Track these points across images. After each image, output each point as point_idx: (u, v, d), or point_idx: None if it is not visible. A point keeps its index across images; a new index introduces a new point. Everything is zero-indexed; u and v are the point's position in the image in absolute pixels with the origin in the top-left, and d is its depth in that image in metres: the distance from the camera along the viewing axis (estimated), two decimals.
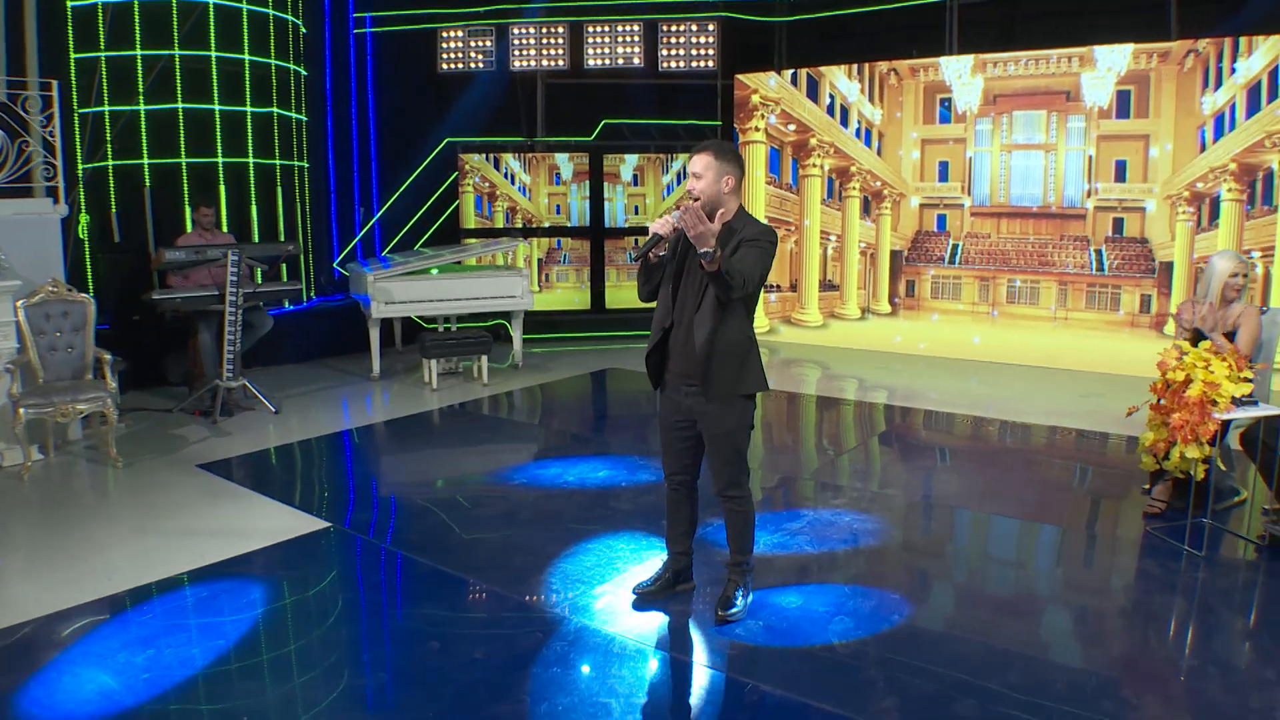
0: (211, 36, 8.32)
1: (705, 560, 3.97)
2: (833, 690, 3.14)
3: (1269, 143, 7.52)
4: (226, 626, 3.56)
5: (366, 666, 3.30)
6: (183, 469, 5.65)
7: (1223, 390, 4.24)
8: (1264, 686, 3.18)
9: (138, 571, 4.04)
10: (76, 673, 3.23)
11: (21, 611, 3.67)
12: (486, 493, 5.24)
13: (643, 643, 3.45)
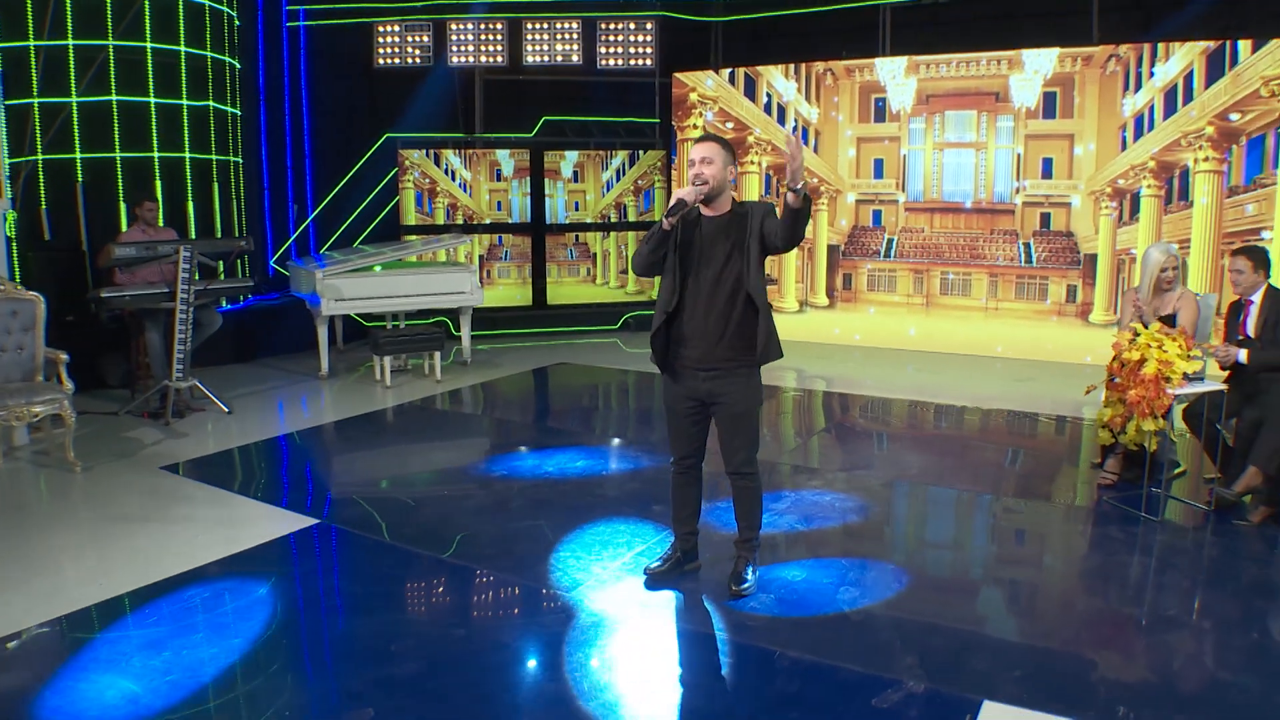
0: (147, 26, 8.10)
1: (705, 540, 4.11)
2: (855, 652, 3.33)
3: (1184, 142, 8.07)
4: (237, 625, 3.55)
5: (396, 657, 3.34)
6: (145, 471, 5.53)
7: (1175, 368, 4.59)
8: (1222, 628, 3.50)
9: (130, 575, 3.96)
10: (94, 679, 3.17)
11: (17, 619, 3.57)
12: (470, 485, 5.28)
13: (665, 620, 3.58)
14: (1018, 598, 3.92)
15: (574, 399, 7.95)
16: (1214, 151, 8.00)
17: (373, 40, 10.09)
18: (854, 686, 3.11)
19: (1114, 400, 4.90)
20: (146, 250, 6.59)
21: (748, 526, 3.84)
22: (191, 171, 8.52)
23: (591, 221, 10.38)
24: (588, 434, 6.57)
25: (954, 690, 3.08)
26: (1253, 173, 7.91)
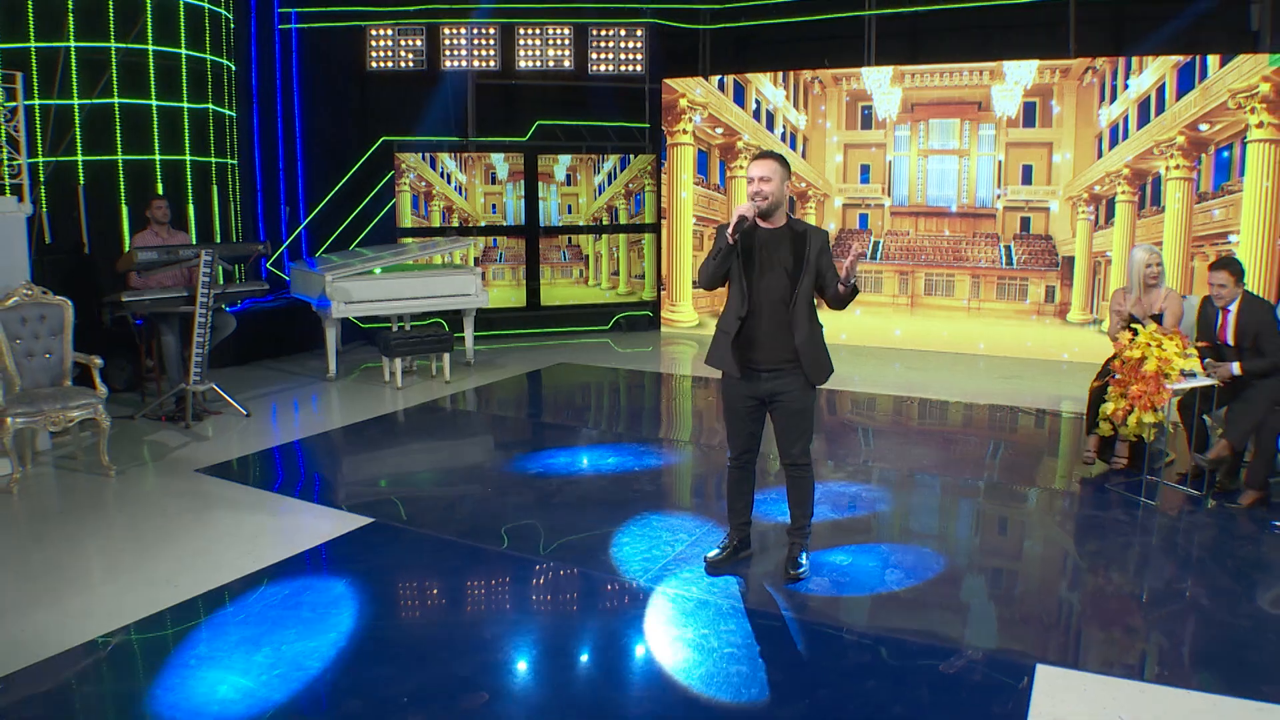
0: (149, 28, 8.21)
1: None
2: (913, 626, 3.68)
3: (1157, 151, 8.59)
4: (326, 620, 3.74)
5: (491, 644, 3.59)
6: (180, 475, 5.68)
7: (1174, 365, 5.02)
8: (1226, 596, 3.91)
9: (205, 576, 4.12)
10: (202, 675, 3.32)
11: (104, 621, 3.73)
12: (510, 482, 5.54)
13: (735, 603, 3.89)
14: (1048, 574, 4.33)
15: (583, 398, 8.22)
16: (1184, 160, 8.53)
17: (365, 44, 10.26)
18: (919, 654, 3.46)
19: (1116, 395, 5.31)
20: (168, 254, 6.73)
21: (801, 514, 4.16)
22: (192, 174, 8.64)
23: (584, 224, 10.66)
24: (606, 431, 6.86)
25: (1009, 656, 3.44)
26: (1220, 180, 8.45)
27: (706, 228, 10.48)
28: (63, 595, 3.95)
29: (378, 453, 6.28)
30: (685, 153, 10.46)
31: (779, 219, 3.92)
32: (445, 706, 3.14)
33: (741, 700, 3.18)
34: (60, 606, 3.84)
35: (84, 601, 3.91)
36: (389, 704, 3.16)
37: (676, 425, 7.32)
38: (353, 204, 10.15)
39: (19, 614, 3.77)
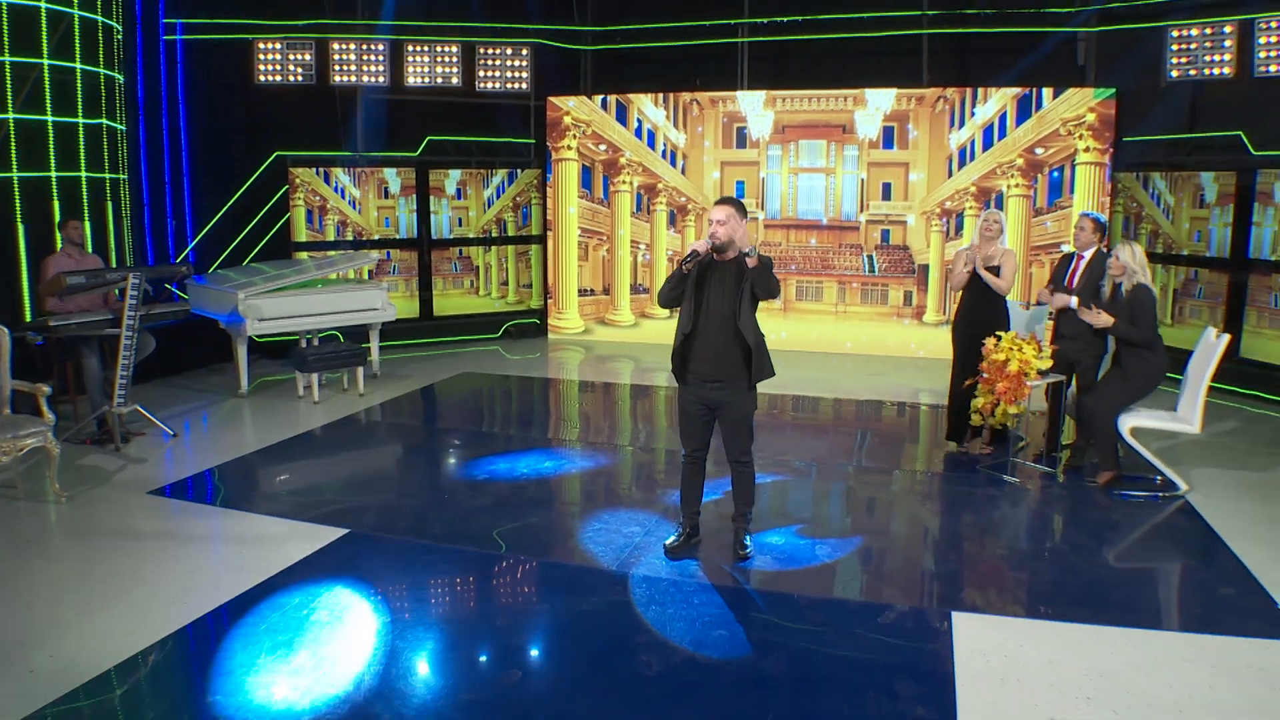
0: (43, 43, 8.24)
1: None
2: (848, 589, 4.56)
3: (999, 171, 9.91)
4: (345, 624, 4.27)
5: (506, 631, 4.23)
6: (134, 497, 5.93)
7: (1032, 365, 6.12)
8: (1086, 550, 4.99)
9: (210, 593, 4.48)
10: (254, 680, 3.79)
11: (131, 641, 4.10)
12: (463, 488, 6.14)
13: (700, 581, 4.66)
14: (944, 541, 5.31)
15: (496, 406, 8.83)
16: (1022, 179, 9.89)
17: (253, 57, 10.45)
18: (860, 611, 4.33)
19: (985, 391, 6.38)
20: (97, 278, 6.93)
21: (745, 503, 4.97)
22: (88, 191, 8.70)
23: (474, 236, 11.20)
24: (533, 437, 7.51)
25: (930, 607, 4.36)
26: (1053, 197, 9.86)
27: (591, 239, 11.23)
28: (83, 618, 4.28)
29: (323, 465, 6.71)
30: (570, 168, 11.16)
31: (731, 253, 4.71)
32: (488, 684, 3.78)
33: (731, 656, 3.96)
34: (83, 630, 4.14)
35: (104, 624, 4.20)
36: (438, 688, 3.76)
37: (592, 429, 8.03)
38: (244, 219, 10.34)
39: (53, 637, 4.11)
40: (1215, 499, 5.89)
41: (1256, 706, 3.57)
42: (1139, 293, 5.94)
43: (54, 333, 6.91)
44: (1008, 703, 3.59)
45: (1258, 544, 5.14)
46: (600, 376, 9.87)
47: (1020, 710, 3.53)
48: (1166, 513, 5.70)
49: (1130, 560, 5.10)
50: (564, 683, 3.81)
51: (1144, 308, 5.90)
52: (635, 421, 8.25)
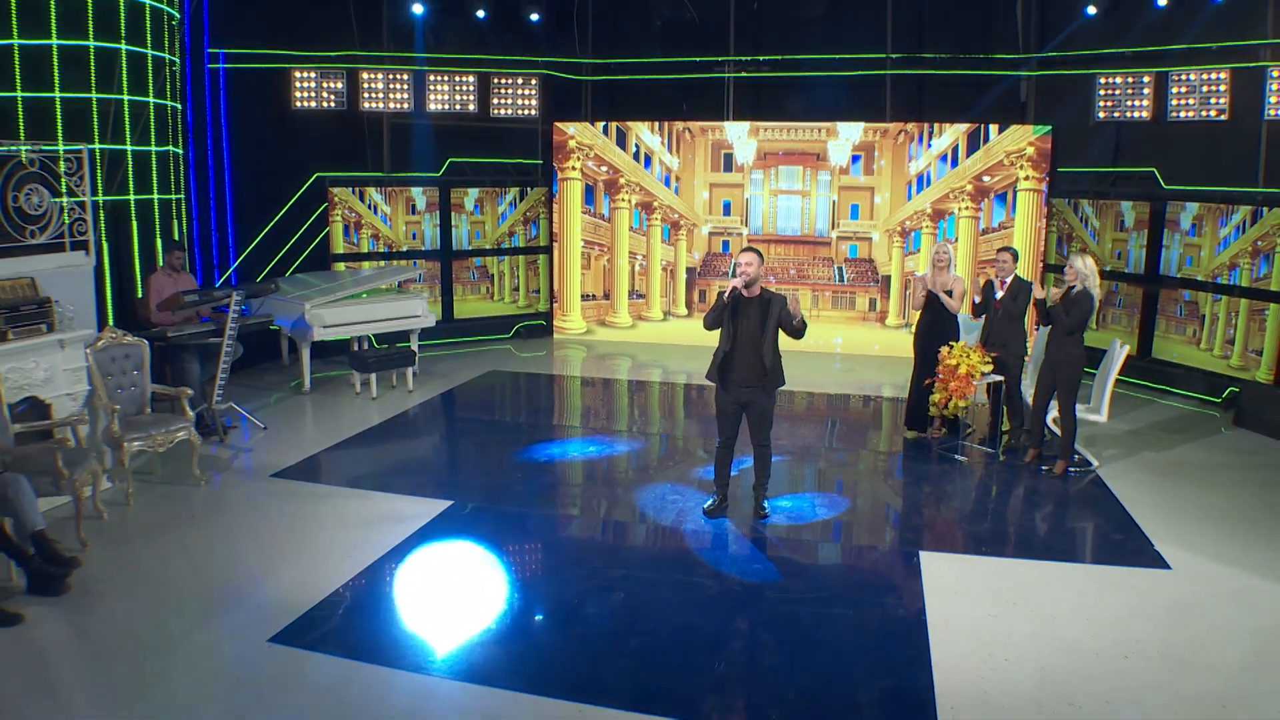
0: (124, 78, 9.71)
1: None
2: (846, 536, 6.43)
3: (951, 196, 11.88)
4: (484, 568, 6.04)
5: (604, 569, 6.01)
6: (261, 480, 7.56)
7: (977, 369, 8.04)
8: (1012, 509, 6.92)
9: (364, 551, 6.07)
10: (433, 606, 5.58)
11: (320, 588, 5.80)
12: (529, 468, 7.89)
13: (736, 533, 6.49)
14: (911, 502, 7.22)
15: (530, 399, 10.58)
16: (971, 203, 11.86)
17: (290, 84, 12.00)
18: (855, 550, 6.21)
19: (941, 388, 8.28)
20: (206, 296, 8.54)
21: (764, 476, 6.80)
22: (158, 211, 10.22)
23: (490, 248, 12.91)
24: (573, 426, 9.28)
25: (905, 548, 6.25)
26: (998, 218, 11.84)
27: (593, 250, 13.00)
28: (277, 570, 5.90)
29: (406, 451, 8.42)
30: (574, 186, 12.91)
31: (756, 290, 6.51)
32: (603, 603, 5.55)
33: (764, 580, 5.80)
34: (280, 578, 5.76)
35: (294, 574, 5.82)
36: (570, 609, 5.52)
37: (618, 419, 9.82)
38: (284, 234, 11.91)
39: (261, 584, 5.76)
40: (1119, 472, 7.86)
41: (1131, 609, 5.48)
42: (1083, 295, 7.59)
43: (172, 341, 8.51)
44: (960, 606, 5.46)
45: (1145, 505, 7.09)
46: (608, 374, 11.66)
47: (969, 611, 5.41)
48: (1081, 483, 7.66)
49: (1049, 515, 7.04)
50: (651, 600, 5.62)
51: (1081, 306, 7.59)
52: (649, 413, 10.06)
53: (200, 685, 4.64)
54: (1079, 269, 7.59)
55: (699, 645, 5.04)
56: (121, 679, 4.71)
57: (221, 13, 11.31)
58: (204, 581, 5.76)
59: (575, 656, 4.90)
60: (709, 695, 4.53)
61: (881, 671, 4.79)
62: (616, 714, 4.31)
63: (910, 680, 4.65)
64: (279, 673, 4.71)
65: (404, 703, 4.48)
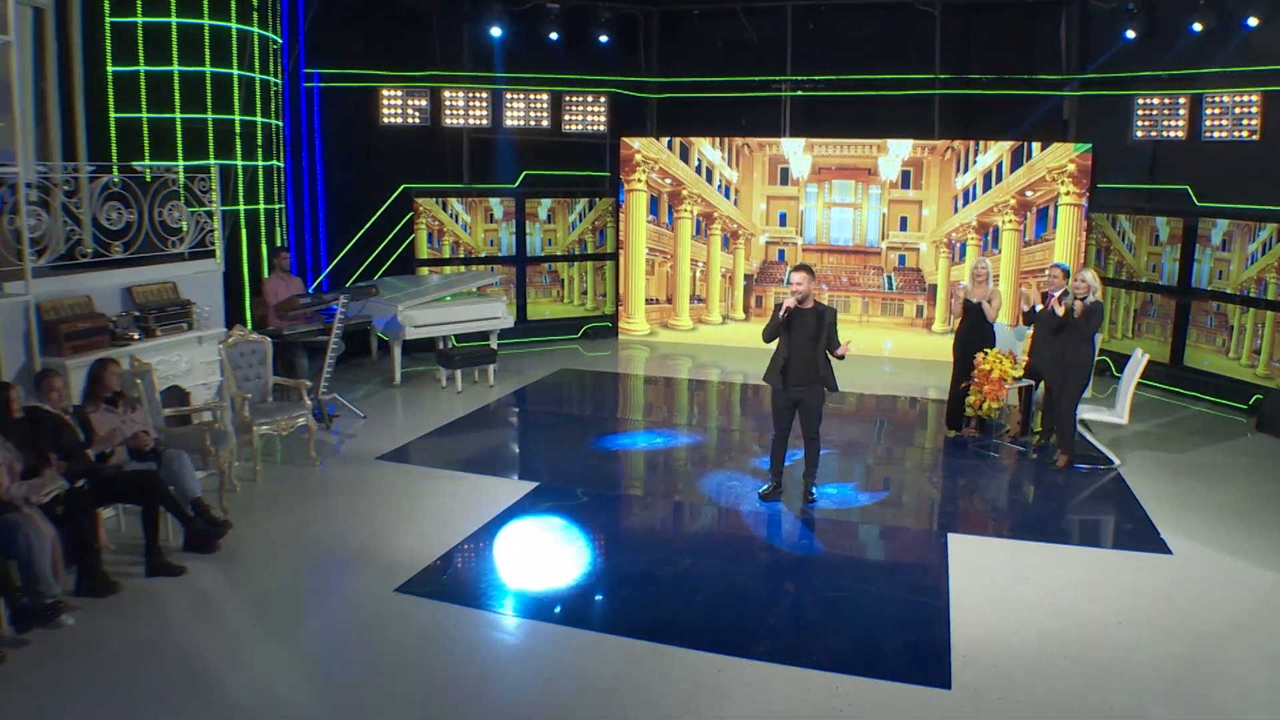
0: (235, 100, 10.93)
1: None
2: (883, 517, 7.40)
3: (995, 210, 12.73)
4: (569, 538, 7.09)
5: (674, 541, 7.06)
6: (366, 461, 8.71)
7: (1009, 374, 8.95)
8: (1036, 500, 7.82)
9: (463, 523, 7.15)
10: (529, 565, 6.66)
11: (430, 550, 6.91)
12: (603, 456, 8.95)
13: (788, 514, 7.49)
14: (948, 491, 8.15)
15: (601, 394, 11.65)
16: (1014, 216, 12.71)
17: (378, 102, 13.19)
18: (890, 531, 7.18)
19: (976, 391, 9.19)
20: (317, 299, 9.73)
21: (813, 466, 7.78)
22: (264, 220, 11.46)
23: (561, 254, 14.02)
24: (640, 419, 10.33)
25: (935, 530, 7.20)
26: (1040, 231, 12.67)
27: (657, 257, 14.05)
28: (393, 536, 7.02)
29: (493, 439, 9.55)
30: (640, 198, 13.96)
31: (809, 303, 7.49)
32: (672, 567, 6.58)
33: (811, 553, 6.80)
34: (396, 542, 6.86)
35: (408, 539, 6.92)
36: (643, 571, 6.56)
37: (680, 414, 10.85)
38: (371, 240, 13.10)
39: (381, 546, 6.86)
40: (1139, 470, 8.70)
41: (1130, 586, 6.35)
42: (1096, 305, 8.48)
43: (287, 339, 9.71)
44: (979, 579, 6.40)
45: (1158, 500, 7.94)
46: (670, 373, 12.70)
47: (986, 583, 6.34)
48: (1101, 480, 8.51)
49: (1067, 506, 7.93)
50: (712, 566, 6.63)
51: (1096, 315, 8.52)
52: (709, 409, 11.09)
53: (340, 625, 5.76)
54: (1090, 282, 8.44)
55: (752, 602, 6.07)
56: (273, 620, 5.85)
57: (317, 36, 12.52)
58: (332, 543, 6.91)
59: (648, 607, 5.95)
60: (759, 639, 5.54)
61: (906, 626, 5.76)
62: (683, 651, 5.34)
63: (930, 633, 5.62)
64: (404, 616, 5.81)
65: (507, 640, 5.56)
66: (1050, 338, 8.68)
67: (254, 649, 5.49)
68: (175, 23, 10.41)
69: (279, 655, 5.41)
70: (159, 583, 6.23)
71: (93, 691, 4.94)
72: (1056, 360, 8.57)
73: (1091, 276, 8.55)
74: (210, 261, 9.09)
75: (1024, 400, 9.49)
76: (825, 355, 7.48)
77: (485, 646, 5.52)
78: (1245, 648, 5.56)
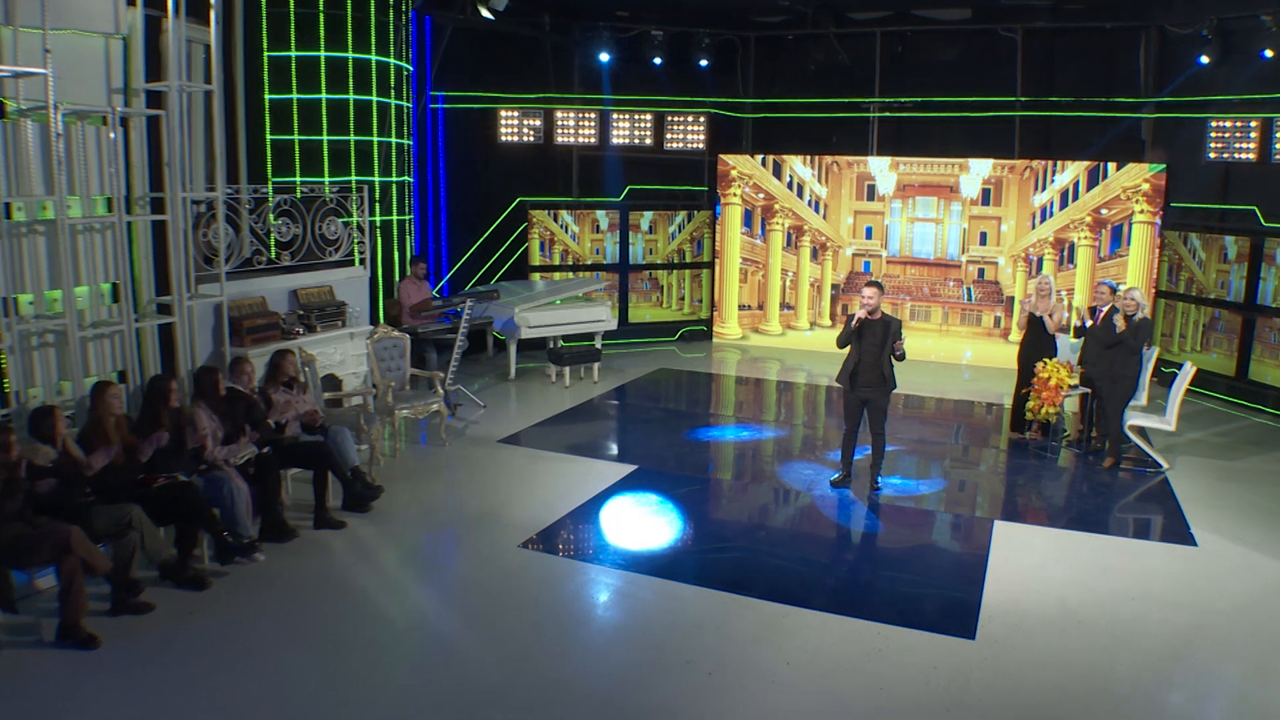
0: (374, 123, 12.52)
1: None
2: (939, 504, 8.53)
3: (1072, 226, 13.63)
4: (663, 512, 8.40)
5: (758, 513, 8.32)
6: (488, 444, 10.16)
7: (1066, 382, 9.95)
8: (1082, 495, 8.83)
9: (573, 495, 8.54)
10: (632, 531, 8.00)
11: (543, 517, 8.29)
12: (694, 445, 10.24)
13: (857, 499, 8.67)
14: (999, 485, 9.23)
15: (694, 391, 12.95)
16: (1090, 233, 13.58)
17: (497, 121, 14.70)
18: (946, 517, 8.31)
19: (1035, 397, 10.20)
20: (448, 302, 11.24)
21: (879, 458, 8.92)
22: (396, 229, 13.04)
23: (660, 262, 15.36)
24: (727, 415, 11.60)
25: (984, 517, 8.31)
26: (1114, 247, 13.52)
27: (749, 266, 15.28)
28: (513, 503, 8.42)
29: (597, 428, 10.91)
30: (734, 211, 15.21)
31: (877, 314, 8.64)
32: (749, 537, 7.85)
33: (873, 530, 7.99)
34: (517, 509, 8.24)
35: (526, 507, 8.32)
36: (725, 538, 7.84)
37: (764, 411, 12.08)
38: (490, 248, 14.63)
39: (505, 511, 8.27)
40: (1185, 474, 9.60)
41: (1150, 570, 7.35)
42: (1144, 321, 9.45)
43: (422, 336, 11.24)
44: (1016, 558, 7.47)
45: (1197, 500, 8.83)
46: (759, 374, 13.93)
47: (1021, 561, 7.41)
48: (1148, 481, 9.44)
49: (1109, 503, 8.92)
50: (785, 537, 7.88)
51: (1144, 330, 9.48)
52: (793, 407, 12.29)
53: (473, 569, 7.18)
54: (1138, 300, 9.39)
55: (814, 565, 7.32)
56: (418, 564, 7.33)
57: (443, 62, 14.07)
58: (462, 508, 8.36)
59: (727, 566, 7.23)
60: (818, 594, 6.75)
61: (946, 587, 6.92)
62: (754, 600, 6.59)
63: (964, 596, 6.75)
64: (525, 565, 7.20)
65: (610, 585, 6.89)
66: (1100, 350, 9.64)
67: (404, 585, 6.95)
68: (324, 56, 12.01)
69: (424, 590, 6.86)
70: (324, 533, 7.72)
71: (278, 611, 6.43)
72: (1106, 371, 9.54)
73: (1140, 294, 9.48)
74: (359, 268, 10.66)
75: (1084, 407, 10.45)
76: (890, 359, 8.63)
77: (591, 589, 6.86)
78: (1243, 623, 6.53)
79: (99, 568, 6.06)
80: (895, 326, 8.60)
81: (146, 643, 5.95)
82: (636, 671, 5.78)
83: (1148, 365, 9.93)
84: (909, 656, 5.93)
